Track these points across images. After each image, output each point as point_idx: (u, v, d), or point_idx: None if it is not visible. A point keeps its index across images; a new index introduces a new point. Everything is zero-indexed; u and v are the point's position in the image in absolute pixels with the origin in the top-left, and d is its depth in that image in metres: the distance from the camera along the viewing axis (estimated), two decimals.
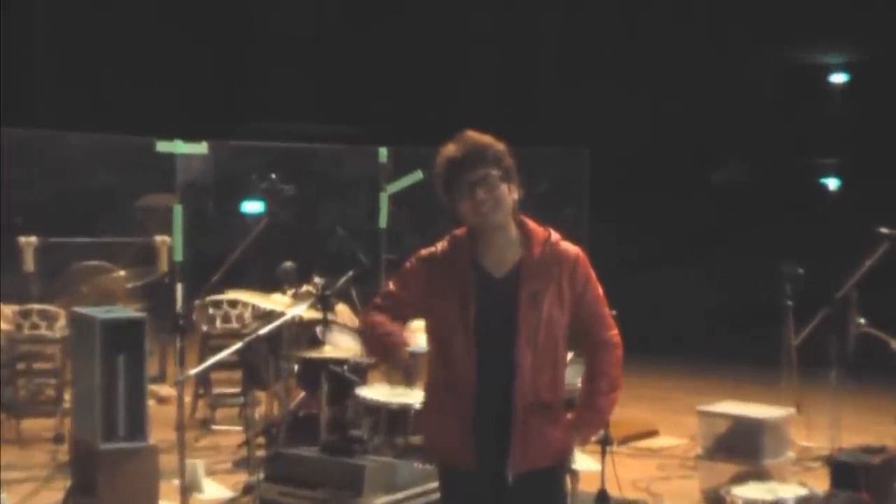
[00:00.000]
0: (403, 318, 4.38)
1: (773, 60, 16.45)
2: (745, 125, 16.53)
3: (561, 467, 4.38)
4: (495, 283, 4.22)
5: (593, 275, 4.34)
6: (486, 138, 4.26)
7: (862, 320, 6.96)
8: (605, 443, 6.41)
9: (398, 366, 4.37)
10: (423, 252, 4.36)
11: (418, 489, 5.00)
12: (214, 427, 9.09)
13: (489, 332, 4.18)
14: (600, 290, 4.35)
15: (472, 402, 4.17)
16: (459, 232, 4.32)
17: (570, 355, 4.59)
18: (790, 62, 17.04)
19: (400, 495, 4.92)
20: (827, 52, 18.23)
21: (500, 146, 4.25)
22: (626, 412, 7.45)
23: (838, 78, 18.61)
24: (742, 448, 7.27)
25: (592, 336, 4.35)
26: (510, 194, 4.21)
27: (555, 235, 4.30)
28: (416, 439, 6.42)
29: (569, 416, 4.32)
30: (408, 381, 4.42)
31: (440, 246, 4.33)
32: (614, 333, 4.38)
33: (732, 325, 12.88)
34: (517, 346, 4.15)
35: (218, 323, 9.39)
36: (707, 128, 16.32)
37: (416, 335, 4.61)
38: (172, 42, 15.76)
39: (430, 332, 4.31)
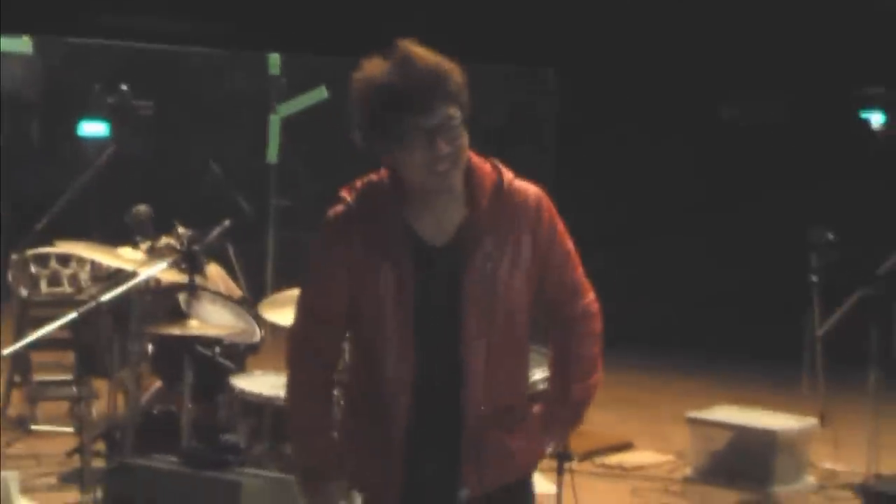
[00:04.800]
0: (340, 339, 4.28)
1: None
2: (760, 44, 16.64)
3: (529, 479, 4.41)
4: (434, 254, 4.11)
5: (561, 225, 4.23)
6: (441, 62, 3.99)
7: None
8: (562, 458, 6.38)
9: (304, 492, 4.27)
10: (332, 218, 4.15)
11: None
12: (34, 427, 9.10)
13: (429, 323, 4.10)
14: (570, 245, 4.26)
15: (405, 420, 4.11)
16: (378, 178, 4.14)
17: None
18: None
19: None
20: None
21: (458, 73, 4.00)
22: (593, 419, 7.54)
23: None
24: (746, 469, 7.40)
25: (562, 308, 4.30)
26: (467, 143, 4.01)
27: (507, 175, 4.15)
28: None
29: (535, 410, 4.35)
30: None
31: (351, 204, 4.15)
32: (591, 301, 4.33)
33: (739, 311, 13.01)
34: (464, 340, 4.09)
35: (43, 286, 9.37)
36: (713, 46, 16.41)
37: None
38: None
39: (352, 333, 4.22)
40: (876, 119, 18.75)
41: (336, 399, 4.44)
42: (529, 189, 4.17)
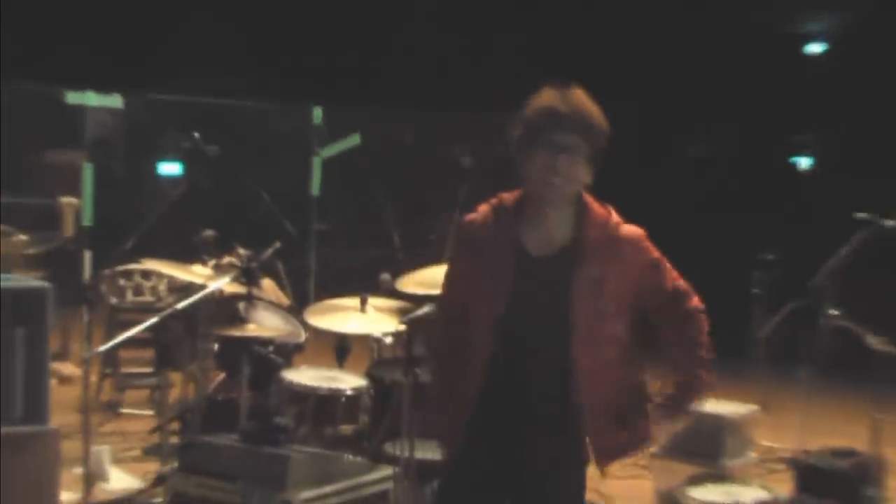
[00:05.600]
0: (463, 324, 4.24)
1: (746, 27, 16.57)
2: (720, 99, 16.63)
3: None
4: (536, 264, 4.12)
5: (657, 254, 4.26)
6: (595, 109, 4.09)
7: (835, 312, 7.04)
8: None
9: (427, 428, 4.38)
10: (468, 219, 4.25)
11: (349, 482, 5.04)
12: (122, 410, 9.09)
13: (519, 325, 4.11)
14: (665, 262, 4.29)
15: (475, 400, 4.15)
16: (509, 196, 4.20)
17: None
18: (766, 30, 17.16)
19: (328, 489, 4.94)
20: (804, 20, 18.40)
21: (603, 122, 4.08)
22: None
23: (815, 48, 18.82)
24: (700, 447, 7.35)
25: (675, 309, 4.31)
26: (585, 176, 4.09)
27: (615, 216, 4.19)
28: (346, 429, 6.47)
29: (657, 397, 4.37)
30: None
31: (483, 213, 4.21)
32: (697, 301, 4.34)
33: None
34: (574, 341, 4.09)
35: (129, 295, 9.36)
36: (675, 97, 16.40)
37: None
38: None
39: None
40: (804, 162, 18.80)
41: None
42: (633, 229, 4.20)
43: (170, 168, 12.64)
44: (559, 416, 4.15)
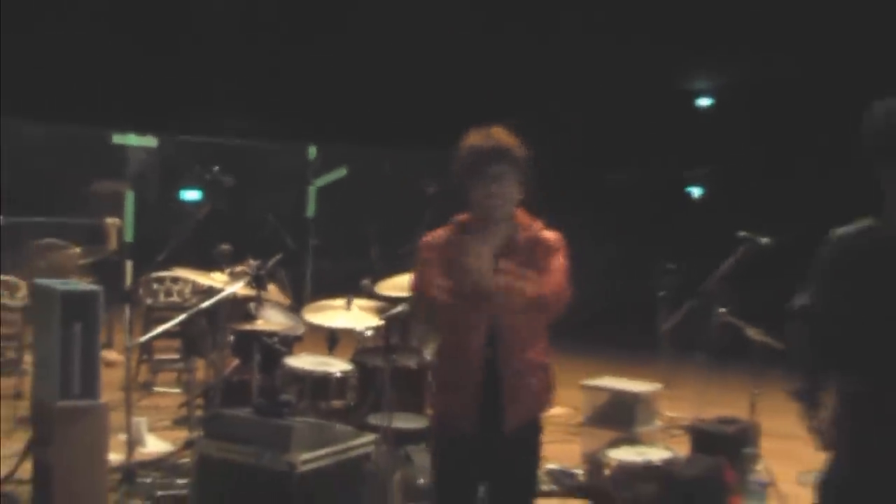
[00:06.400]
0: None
1: (649, 85, 16.69)
2: (633, 138, 16.72)
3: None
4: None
5: (564, 259, 4.23)
6: (512, 140, 4.13)
7: (723, 310, 7.09)
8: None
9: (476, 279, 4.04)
10: (427, 240, 4.26)
11: (339, 446, 5.03)
12: (155, 389, 9.05)
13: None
14: (565, 266, 4.24)
15: (480, 373, 4.13)
16: (462, 218, 4.23)
17: None
18: (664, 87, 17.29)
19: (323, 451, 4.94)
20: (695, 78, 18.51)
21: (521, 150, 4.12)
22: None
23: (704, 102, 18.95)
24: (618, 417, 7.38)
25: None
26: (517, 194, 4.13)
27: (538, 225, 4.23)
28: (336, 404, 6.47)
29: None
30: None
31: (443, 233, 4.25)
32: (567, 295, 4.24)
33: (617, 316, 13.01)
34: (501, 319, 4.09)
35: (161, 297, 9.33)
36: (598, 138, 16.48)
37: None
38: (124, 47, 15.56)
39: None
40: (696, 191, 18.91)
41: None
42: (551, 234, 4.23)
43: (191, 195, 12.59)
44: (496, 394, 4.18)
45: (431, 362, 5.92)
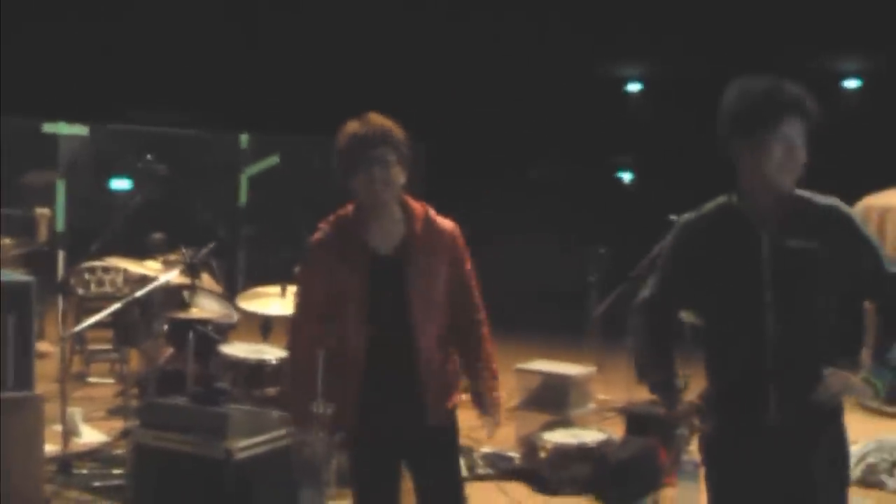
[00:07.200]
0: (321, 322, 4.14)
1: (577, 73, 16.76)
2: (556, 129, 16.79)
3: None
4: (384, 261, 4.05)
5: (467, 255, 4.20)
6: (390, 122, 4.05)
7: None
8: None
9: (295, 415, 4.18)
10: (315, 240, 4.12)
11: (274, 434, 5.02)
12: (89, 380, 8.95)
13: (381, 308, 4.04)
14: (471, 270, 4.22)
15: (361, 374, 4.07)
16: (344, 212, 4.13)
17: None
18: (592, 75, 17.38)
19: (258, 439, 4.93)
20: (624, 65, 18.64)
21: (400, 132, 4.04)
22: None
23: (634, 87, 19.11)
24: (552, 400, 7.44)
25: (466, 313, 4.21)
26: (400, 177, 4.04)
27: (431, 210, 4.15)
28: (270, 391, 6.45)
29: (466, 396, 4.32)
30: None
31: (325, 231, 4.12)
32: (483, 315, 4.25)
33: (549, 301, 13.06)
34: (414, 324, 4.03)
35: (93, 287, 9.21)
36: (524, 129, 16.51)
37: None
38: (54, 34, 15.29)
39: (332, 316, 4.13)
40: (626, 176, 19.09)
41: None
42: (447, 223, 4.16)
43: (121, 183, 12.44)
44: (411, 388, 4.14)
45: None
